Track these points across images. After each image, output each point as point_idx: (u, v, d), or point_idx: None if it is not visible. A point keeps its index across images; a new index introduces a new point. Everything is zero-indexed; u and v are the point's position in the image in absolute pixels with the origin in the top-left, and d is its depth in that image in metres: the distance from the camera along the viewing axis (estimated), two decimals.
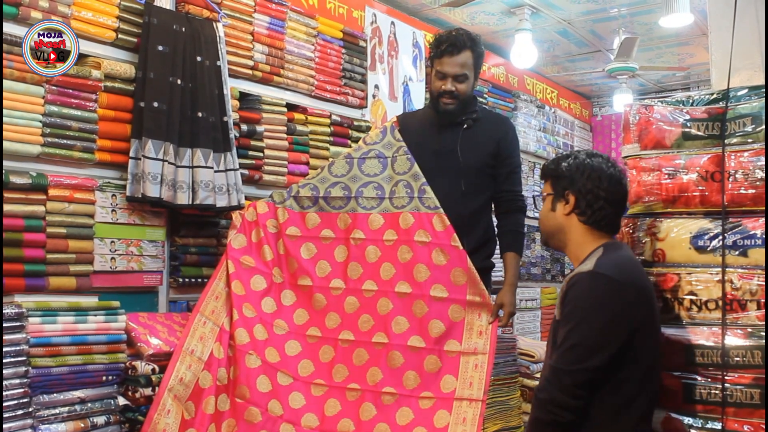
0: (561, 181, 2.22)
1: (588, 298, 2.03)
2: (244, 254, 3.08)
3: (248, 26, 3.72)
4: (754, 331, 2.16)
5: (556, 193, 2.23)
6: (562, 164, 2.23)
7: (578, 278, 2.08)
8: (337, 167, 3.19)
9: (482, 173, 3.10)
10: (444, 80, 3.06)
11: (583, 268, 2.10)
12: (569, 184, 2.20)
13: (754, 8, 2.57)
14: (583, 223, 2.19)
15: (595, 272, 2.05)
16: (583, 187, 2.18)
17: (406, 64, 5.06)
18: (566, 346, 2.02)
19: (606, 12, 5.94)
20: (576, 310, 2.04)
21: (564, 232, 2.23)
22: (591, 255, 2.14)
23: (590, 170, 2.18)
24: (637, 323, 2.03)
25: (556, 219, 2.23)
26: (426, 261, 2.93)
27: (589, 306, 2.02)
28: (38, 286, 2.79)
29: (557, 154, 2.72)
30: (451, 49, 3.05)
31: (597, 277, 2.04)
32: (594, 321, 2.00)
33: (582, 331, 2.00)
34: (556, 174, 2.23)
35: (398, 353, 2.87)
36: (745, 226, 2.22)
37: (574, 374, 1.99)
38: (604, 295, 2.02)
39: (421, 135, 3.17)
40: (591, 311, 2.01)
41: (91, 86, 2.99)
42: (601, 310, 2.01)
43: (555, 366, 2.03)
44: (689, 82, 8.04)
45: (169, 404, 2.82)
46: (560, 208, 2.22)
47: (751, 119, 2.27)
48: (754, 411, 2.12)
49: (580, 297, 2.04)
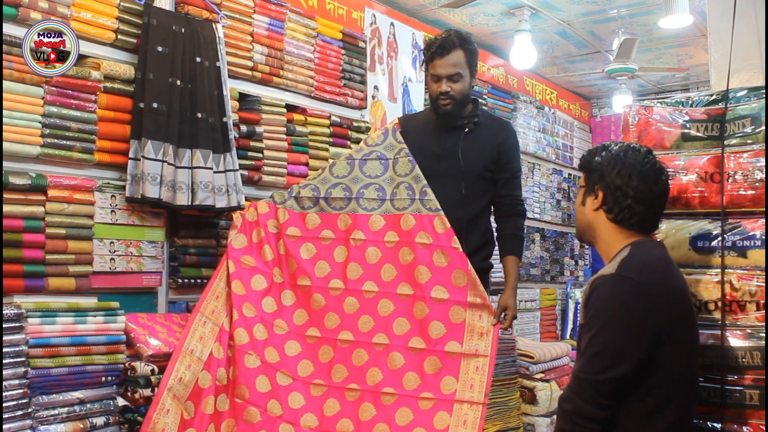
0: (592, 175, 2.11)
1: (610, 302, 1.93)
2: (244, 254, 3.08)
3: (248, 27, 3.72)
4: (754, 332, 2.16)
5: (587, 186, 2.12)
6: (596, 157, 2.11)
7: (600, 281, 1.98)
8: (339, 168, 3.20)
9: (483, 177, 3.10)
10: (439, 82, 3.06)
11: (606, 270, 1.99)
12: (599, 179, 2.08)
13: (753, 9, 2.57)
14: (611, 221, 2.08)
15: (617, 275, 1.94)
16: (612, 183, 2.05)
17: (405, 64, 5.06)
18: (589, 354, 1.93)
19: (605, 13, 5.94)
20: (598, 315, 1.94)
21: (593, 229, 2.12)
22: (617, 255, 2.03)
23: (621, 166, 2.05)
24: (665, 327, 1.92)
25: (585, 214, 2.13)
26: (427, 263, 2.93)
27: (611, 311, 1.92)
28: (37, 286, 2.78)
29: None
30: (441, 51, 3.04)
31: (619, 280, 1.93)
32: (616, 327, 1.90)
33: (605, 337, 1.91)
34: (589, 167, 2.12)
35: (399, 354, 2.87)
36: (745, 227, 2.22)
37: (598, 384, 1.89)
38: (627, 299, 1.91)
39: (423, 138, 3.17)
40: (613, 316, 1.91)
41: (90, 87, 2.99)
42: (624, 315, 1.90)
43: (579, 375, 1.93)
44: (689, 83, 8.04)
45: (168, 404, 2.82)
46: (589, 202, 2.11)
47: (750, 120, 2.27)
48: (753, 412, 2.12)
49: (602, 301, 1.94)
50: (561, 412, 1.98)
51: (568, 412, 1.93)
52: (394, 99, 4.89)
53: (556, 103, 7.41)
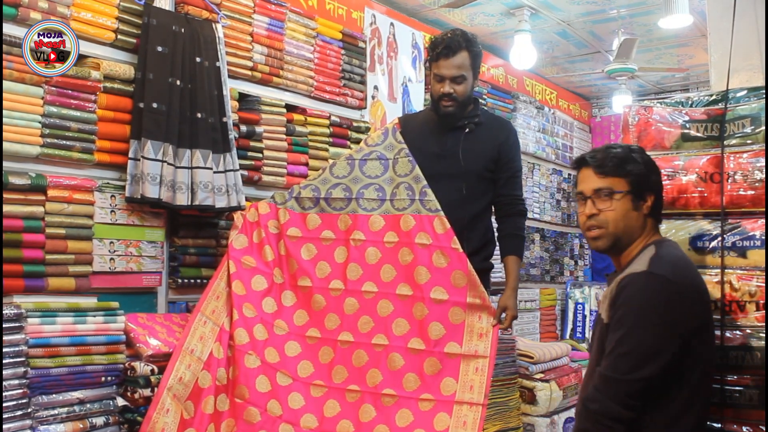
0: (639, 179, 2.05)
1: (642, 300, 1.90)
2: (245, 254, 3.08)
3: (247, 27, 3.72)
4: (754, 332, 2.16)
5: (633, 192, 2.04)
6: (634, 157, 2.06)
7: (631, 279, 1.94)
8: (339, 168, 3.19)
9: (483, 177, 3.10)
10: (442, 83, 3.05)
11: (636, 268, 1.96)
12: (647, 183, 2.06)
13: (753, 10, 2.57)
14: (655, 220, 2.09)
15: (649, 272, 1.92)
16: (656, 184, 2.08)
17: (405, 65, 5.06)
18: (618, 353, 1.89)
19: (605, 13, 5.94)
20: (629, 313, 1.90)
21: (636, 232, 2.07)
22: (642, 253, 2.02)
23: (654, 165, 2.08)
24: (694, 326, 1.92)
25: (638, 220, 2.06)
26: (426, 263, 2.93)
27: (644, 309, 1.89)
28: (37, 286, 2.78)
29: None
30: (446, 52, 3.03)
31: (652, 278, 1.91)
32: (649, 325, 1.87)
33: (636, 336, 1.87)
34: (637, 171, 2.05)
35: (398, 355, 2.87)
36: (744, 227, 2.22)
37: (628, 384, 1.86)
38: (660, 298, 1.89)
39: (423, 138, 3.17)
40: (646, 315, 1.88)
41: (90, 87, 2.98)
42: (657, 314, 1.88)
43: (607, 375, 1.89)
44: (688, 83, 8.04)
45: (168, 403, 2.82)
46: (642, 207, 2.06)
47: (750, 120, 2.28)
48: (753, 412, 2.12)
49: (634, 299, 1.91)
50: (584, 411, 1.93)
51: (595, 411, 1.89)
52: (393, 99, 4.89)
53: (556, 104, 7.41)
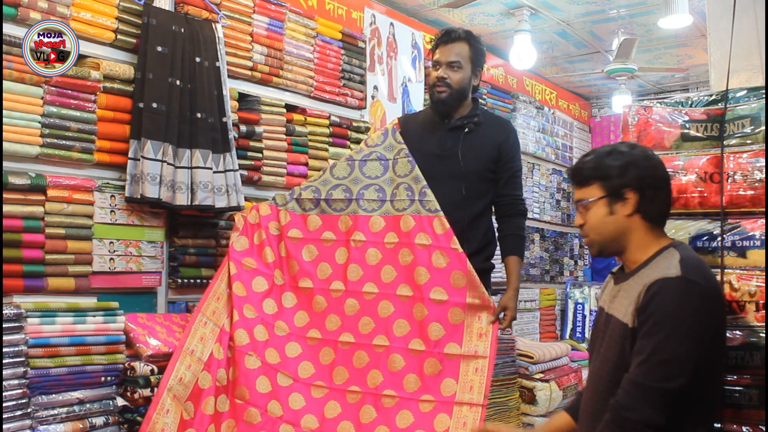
0: (613, 180, 1.98)
1: (680, 307, 1.83)
2: (245, 256, 3.08)
3: (247, 27, 3.72)
4: (753, 332, 2.16)
5: (609, 194, 1.98)
6: (606, 161, 2.00)
7: (663, 284, 1.86)
8: (339, 169, 3.19)
9: (483, 177, 3.10)
10: (438, 69, 3.08)
11: (665, 272, 1.88)
12: (627, 181, 1.97)
13: (753, 10, 2.57)
14: (647, 221, 1.99)
15: (685, 278, 1.85)
16: (642, 180, 1.96)
17: (405, 65, 5.06)
18: (657, 361, 1.82)
19: (605, 13, 5.94)
20: (665, 320, 1.83)
21: (626, 236, 2.00)
22: (662, 256, 1.94)
23: (645, 160, 1.99)
24: (722, 332, 1.93)
25: (618, 222, 1.99)
26: (426, 264, 2.93)
27: (682, 316, 1.83)
28: (37, 286, 2.78)
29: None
30: (445, 39, 3.09)
31: (688, 284, 1.85)
32: (687, 332, 1.82)
33: (674, 344, 1.82)
34: (605, 174, 1.99)
35: (399, 356, 2.87)
36: (744, 227, 2.22)
37: (667, 392, 1.81)
38: (697, 304, 1.84)
39: (422, 138, 3.17)
40: (684, 321, 1.82)
41: (90, 87, 2.99)
42: (695, 321, 1.83)
43: (645, 383, 1.82)
44: (688, 83, 8.05)
45: (168, 404, 2.82)
46: (620, 209, 1.98)
47: (750, 120, 2.27)
48: (753, 412, 2.12)
49: (670, 306, 1.84)
50: (622, 420, 1.85)
51: (635, 422, 1.82)
52: (393, 99, 4.89)
53: (556, 103, 7.41)
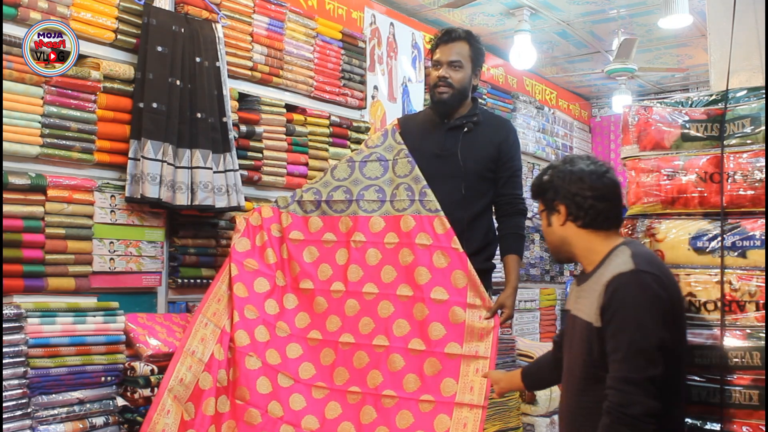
0: (547, 195, 2.19)
1: (639, 297, 1.94)
2: (247, 257, 3.08)
3: (247, 27, 3.72)
4: (753, 332, 2.16)
5: (547, 207, 2.20)
6: (544, 178, 2.20)
7: (620, 280, 1.97)
8: (340, 171, 3.19)
9: (483, 177, 3.09)
10: (438, 69, 3.08)
11: (619, 268, 2.00)
12: (555, 195, 2.16)
13: (753, 10, 2.57)
14: (582, 228, 2.12)
15: (638, 270, 1.97)
16: (568, 192, 2.12)
17: (405, 65, 5.06)
18: (634, 353, 1.90)
19: (605, 13, 5.94)
20: (628, 313, 1.93)
21: (567, 243, 2.16)
22: (614, 255, 2.06)
23: (570, 174, 2.13)
24: (680, 315, 2.04)
25: (555, 233, 2.18)
26: (427, 264, 2.93)
27: (642, 306, 1.94)
28: (37, 286, 2.78)
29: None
30: (445, 38, 3.09)
31: (643, 275, 1.96)
32: (651, 320, 1.92)
33: (643, 333, 1.91)
34: (542, 188, 2.20)
35: (399, 356, 2.87)
36: (744, 227, 2.22)
37: (652, 380, 1.89)
38: (654, 293, 1.95)
39: (422, 138, 3.17)
40: (646, 311, 1.93)
41: (90, 87, 2.99)
42: (656, 308, 1.94)
43: (633, 377, 1.89)
44: (688, 83, 8.05)
45: (168, 405, 2.82)
46: (555, 220, 2.17)
47: (750, 120, 2.27)
48: (753, 412, 2.12)
49: (630, 298, 1.94)
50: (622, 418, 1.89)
51: (635, 416, 1.87)
52: (393, 99, 4.89)
53: (556, 103, 7.41)
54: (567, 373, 2.17)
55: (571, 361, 2.14)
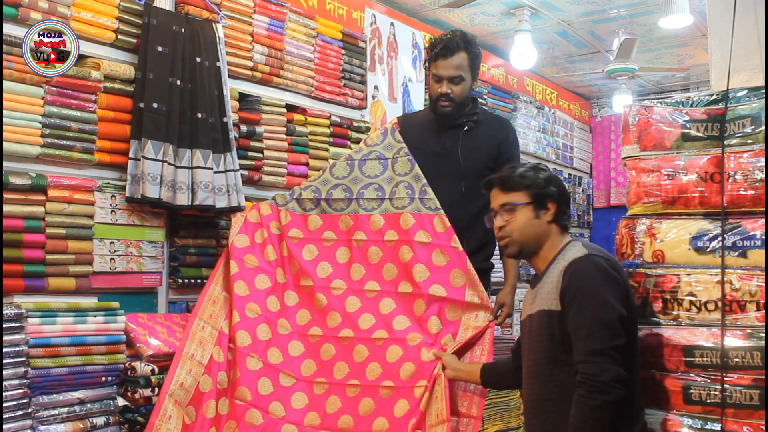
0: (540, 191, 2.33)
1: (594, 277, 2.14)
2: (247, 253, 3.07)
3: (248, 27, 3.72)
4: (754, 332, 2.16)
5: (534, 203, 2.33)
6: (539, 175, 2.36)
7: (575, 264, 2.18)
8: (339, 169, 3.20)
9: (483, 175, 3.06)
10: (440, 83, 3.07)
11: (574, 254, 2.21)
12: (548, 195, 2.33)
13: (753, 10, 2.57)
14: (558, 227, 2.34)
15: (591, 254, 2.19)
16: (561, 195, 2.35)
17: (405, 64, 5.06)
18: (598, 326, 2.07)
19: (605, 13, 5.94)
20: (587, 292, 2.12)
21: (545, 237, 2.33)
22: (567, 248, 2.28)
23: (556, 180, 2.38)
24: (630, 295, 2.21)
25: (541, 226, 2.33)
26: (426, 261, 2.93)
27: (599, 283, 2.13)
28: (37, 286, 2.78)
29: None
30: (444, 52, 3.06)
31: (596, 258, 2.17)
32: (608, 296, 2.11)
33: (606, 307, 2.09)
34: (535, 185, 2.34)
35: (397, 347, 2.87)
36: (745, 227, 2.23)
37: (617, 349, 2.06)
38: (607, 271, 2.15)
39: (422, 137, 3.17)
40: (602, 287, 2.12)
41: (90, 87, 2.98)
42: (611, 286, 2.13)
43: (600, 347, 2.05)
44: (689, 83, 8.04)
45: (170, 410, 2.82)
46: (543, 216, 2.33)
47: (750, 120, 2.28)
48: (753, 412, 2.12)
49: (587, 279, 2.14)
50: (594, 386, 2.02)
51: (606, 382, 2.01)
52: (394, 99, 4.89)
53: (556, 103, 7.41)
54: (530, 367, 2.30)
55: (532, 355, 2.28)
